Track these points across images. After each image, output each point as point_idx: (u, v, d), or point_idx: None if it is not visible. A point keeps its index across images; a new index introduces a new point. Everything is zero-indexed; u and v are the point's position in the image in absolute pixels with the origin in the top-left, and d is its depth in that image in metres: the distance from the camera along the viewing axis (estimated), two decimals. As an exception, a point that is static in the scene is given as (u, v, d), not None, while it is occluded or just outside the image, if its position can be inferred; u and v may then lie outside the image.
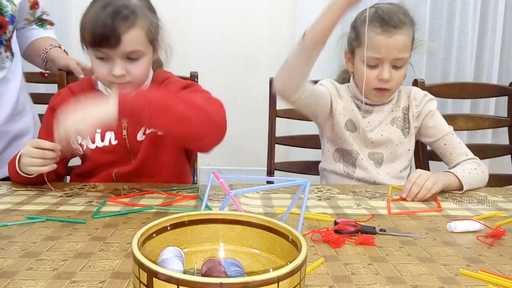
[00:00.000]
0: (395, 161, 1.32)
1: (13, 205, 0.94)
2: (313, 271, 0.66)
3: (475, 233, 0.84)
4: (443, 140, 1.31)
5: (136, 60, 1.09)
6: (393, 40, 1.20)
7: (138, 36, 1.07)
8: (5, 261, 0.67)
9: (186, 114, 0.96)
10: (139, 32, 1.07)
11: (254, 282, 0.40)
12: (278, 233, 0.55)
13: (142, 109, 0.93)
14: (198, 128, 0.99)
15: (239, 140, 2.37)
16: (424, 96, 1.34)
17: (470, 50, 2.34)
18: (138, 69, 1.10)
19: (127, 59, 1.08)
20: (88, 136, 1.15)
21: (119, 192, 1.06)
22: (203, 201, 0.72)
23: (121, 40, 1.03)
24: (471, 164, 1.23)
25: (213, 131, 1.02)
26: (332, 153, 1.35)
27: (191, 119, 0.97)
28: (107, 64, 1.08)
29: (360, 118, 1.31)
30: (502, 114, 1.75)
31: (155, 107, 0.93)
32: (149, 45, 1.11)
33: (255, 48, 2.39)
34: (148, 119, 0.94)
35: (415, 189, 1.05)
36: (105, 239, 0.76)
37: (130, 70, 1.08)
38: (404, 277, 0.65)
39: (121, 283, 0.60)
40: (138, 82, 1.13)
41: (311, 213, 0.93)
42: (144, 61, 1.11)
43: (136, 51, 1.08)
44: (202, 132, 1.00)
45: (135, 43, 1.06)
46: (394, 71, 1.24)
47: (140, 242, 0.49)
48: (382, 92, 1.27)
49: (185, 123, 0.97)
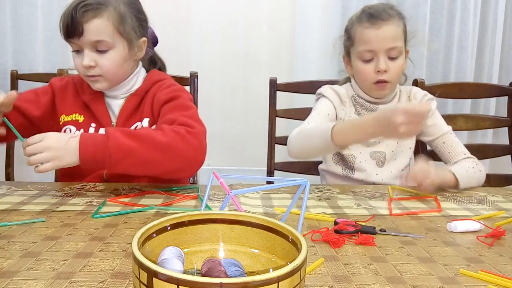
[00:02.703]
0: (397, 159, 1.34)
1: (13, 205, 0.94)
2: (313, 271, 0.66)
3: (475, 233, 0.84)
4: (442, 139, 1.32)
5: (104, 52, 1.11)
6: (383, 30, 1.22)
7: (102, 26, 1.09)
8: (5, 261, 0.67)
9: (149, 158, 0.97)
10: (104, 22, 1.09)
11: (254, 282, 0.40)
12: (278, 233, 0.55)
13: (103, 160, 0.94)
14: (165, 167, 1.00)
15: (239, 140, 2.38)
16: (424, 96, 1.36)
17: (470, 50, 2.34)
18: (106, 61, 1.12)
19: (96, 51, 1.11)
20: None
21: (119, 192, 1.06)
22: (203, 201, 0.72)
23: (83, 29, 1.07)
24: (468, 162, 1.24)
25: (183, 165, 1.02)
26: (332, 156, 1.36)
27: (155, 161, 0.97)
28: (80, 57, 1.12)
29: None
30: (502, 114, 1.75)
31: (115, 157, 0.94)
32: (119, 37, 1.12)
33: (255, 48, 2.39)
34: (110, 168, 0.96)
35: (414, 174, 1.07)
36: (105, 239, 0.76)
37: (99, 61, 1.11)
38: (404, 277, 0.65)
39: (121, 283, 0.60)
40: (110, 76, 1.14)
41: (311, 213, 0.93)
42: (114, 54, 1.12)
43: (102, 41, 1.10)
44: (171, 169, 1.01)
45: (99, 33, 1.09)
46: (391, 62, 1.25)
47: (140, 242, 0.49)
48: (382, 85, 1.28)
49: (149, 165, 0.98)
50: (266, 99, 1.61)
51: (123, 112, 1.18)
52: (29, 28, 2.20)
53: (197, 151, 1.02)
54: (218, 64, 2.37)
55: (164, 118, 1.09)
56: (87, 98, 1.19)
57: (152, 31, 1.26)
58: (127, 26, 1.13)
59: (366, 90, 1.32)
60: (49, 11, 2.20)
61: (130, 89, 1.20)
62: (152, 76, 1.23)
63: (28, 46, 2.21)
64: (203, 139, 1.04)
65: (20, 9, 2.19)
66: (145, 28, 1.21)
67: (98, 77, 1.13)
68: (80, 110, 1.19)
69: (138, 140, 0.96)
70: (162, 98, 1.15)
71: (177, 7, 2.32)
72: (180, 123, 1.04)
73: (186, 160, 1.01)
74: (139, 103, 1.19)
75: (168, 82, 1.22)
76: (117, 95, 1.20)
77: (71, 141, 0.94)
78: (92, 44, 1.10)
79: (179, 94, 1.17)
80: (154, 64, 1.31)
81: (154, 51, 1.31)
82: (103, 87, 1.16)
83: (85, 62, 1.10)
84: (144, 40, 1.19)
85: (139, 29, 1.17)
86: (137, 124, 1.17)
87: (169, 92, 1.17)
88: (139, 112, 1.19)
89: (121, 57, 1.14)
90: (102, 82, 1.14)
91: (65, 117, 1.19)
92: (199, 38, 2.36)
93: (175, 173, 1.05)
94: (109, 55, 1.12)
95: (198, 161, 1.03)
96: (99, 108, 1.18)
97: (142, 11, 1.20)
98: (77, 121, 1.18)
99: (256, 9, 2.37)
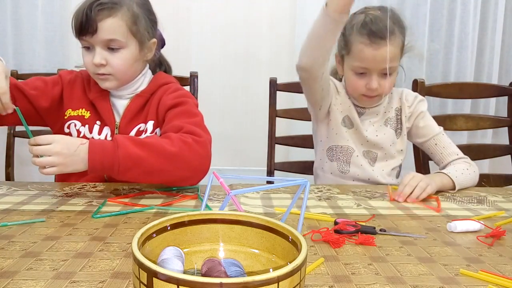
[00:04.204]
0: (388, 160, 1.34)
1: (13, 205, 0.94)
2: (313, 271, 0.66)
3: (475, 233, 0.84)
4: (433, 140, 1.32)
5: (116, 50, 1.12)
6: (380, 52, 1.19)
7: (116, 25, 1.09)
8: (5, 261, 0.67)
9: (157, 166, 0.97)
10: (118, 21, 1.10)
11: (254, 282, 0.40)
12: (278, 233, 0.55)
13: (111, 168, 0.94)
14: (172, 176, 1.00)
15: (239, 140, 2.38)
16: (415, 97, 1.37)
17: (470, 50, 2.34)
18: (118, 60, 1.12)
19: (107, 49, 1.11)
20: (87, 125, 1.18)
21: (119, 192, 1.06)
22: (203, 201, 0.72)
23: (97, 27, 1.07)
24: (462, 164, 1.25)
25: (189, 174, 1.02)
26: (326, 152, 1.36)
27: (163, 170, 0.97)
28: (91, 54, 1.12)
29: (357, 115, 1.32)
30: (502, 114, 1.75)
31: (124, 165, 0.94)
32: (131, 37, 1.13)
33: (255, 48, 2.39)
34: (118, 176, 0.96)
35: (408, 190, 1.06)
36: (105, 239, 0.76)
37: (110, 60, 1.11)
38: (404, 277, 0.65)
39: (121, 283, 0.60)
40: (120, 75, 1.14)
41: (311, 213, 0.93)
42: (125, 53, 1.13)
43: (115, 40, 1.10)
44: (178, 177, 1.02)
45: (113, 31, 1.09)
46: (383, 79, 1.24)
47: (140, 242, 0.49)
48: (371, 98, 1.28)
49: (156, 174, 0.98)
50: (266, 99, 1.61)
51: (127, 112, 1.18)
52: (29, 28, 2.20)
53: (204, 160, 1.02)
54: (218, 64, 2.37)
55: (170, 124, 1.09)
56: (93, 96, 1.19)
57: (160, 33, 1.26)
58: (139, 26, 1.13)
59: (354, 98, 1.32)
60: (49, 11, 2.21)
61: (136, 90, 1.20)
62: (158, 78, 1.23)
63: (28, 46, 2.21)
64: (209, 148, 1.04)
65: (20, 9, 2.20)
66: (155, 30, 1.21)
67: (108, 75, 1.13)
68: (87, 106, 1.19)
69: (147, 149, 0.96)
70: (168, 102, 1.15)
71: (177, 7, 2.32)
72: (186, 131, 1.03)
73: (193, 169, 1.01)
74: (144, 104, 1.19)
75: (174, 86, 1.22)
76: (122, 95, 1.20)
77: (81, 148, 0.93)
78: (104, 43, 1.10)
79: (186, 100, 1.16)
80: (159, 66, 1.31)
81: (161, 53, 1.31)
82: (112, 86, 1.16)
83: (96, 60, 1.10)
84: (154, 41, 1.20)
85: (151, 30, 1.18)
86: (140, 126, 1.17)
87: (175, 97, 1.16)
88: (144, 114, 1.19)
89: (132, 57, 1.14)
90: (112, 81, 1.14)
91: (71, 112, 1.19)
92: (199, 38, 2.36)
93: (181, 181, 1.05)
94: (121, 54, 1.12)
95: (204, 170, 1.03)
96: (104, 107, 1.18)
97: (153, 12, 1.20)
98: (83, 117, 1.18)
99: (256, 9, 2.37)
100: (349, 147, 1.32)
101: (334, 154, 1.35)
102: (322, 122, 1.36)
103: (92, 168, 0.94)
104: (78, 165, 0.94)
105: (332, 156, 1.35)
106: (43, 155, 0.91)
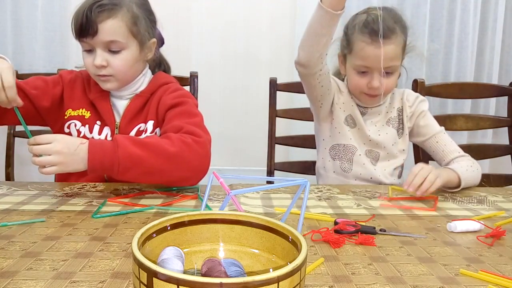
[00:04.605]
0: (390, 160, 1.35)
1: (13, 205, 0.94)
2: (313, 271, 0.66)
3: (475, 233, 0.84)
4: (435, 138, 1.32)
5: (117, 52, 1.12)
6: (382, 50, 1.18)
7: (116, 27, 1.09)
8: (5, 261, 0.67)
9: (157, 166, 0.97)
10: (119, 22, 1.09)
11: (254, 282, 0.40)
12: (278, 233, 0.55)
13: (111, 168, 0.94)
14: (172, 176, 1.00)
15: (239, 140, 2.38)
16: (417, 98, 1.38)
17: (470, 50, 2.34)
18: (119, 61, 1.12)
19: (108, 51, 1.11)
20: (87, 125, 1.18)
21: (119, 192, 1.06)
22: (203, 201, 0.72)
23: (98, 28, 1.07)
24: (466, 161, 1.25)
25: (189, 174, 1.02)
26: (329, 151, 1.36)
27: (162, 170, 0.98)
28: (91, 56, 1.12)
29: (360, 115, 1.32)
30: (502, 114, 1.75)
31: (124, 165, 0.95)
32: (132, 38, 1.13)
33: (255, 48, 2.39)
34: (118, 176, 0.96)
35: (418, 180, 1.03)
36: (105, 239, 0.76)
37: (110, 61, 1.11)
38: (404, 277, 0.65)
39: (121, 283, 0.60)
40: (121, 76, 1.14)
41: (311, 213, 0.93)
42: (126, 54, 1.13)
43: (115, 41, 1.10)
44: (178, 177, 1.02)
45: (113, 33, 1.09)
46: (385, 78, 1.24)
47: (140, 242, 0.49)
48: (373, 97, 1.29)
49: (156, 174, 0.98)
50: (266, 99, 1.61)
51: (127, 112, 1.18)
52: (29, 28, 2.20)
53: (203, 160, 1.02)
54: (218, 64, 2.37)
55: (170, 124, 1.09)
56: (93, 96, 1.19)
57: (159, 32, 1.26)
58: (139, 27, 1.13)
59: (356, 96, 1.33)
60: (49, 11, 2.20)
61: (136, 90, 1.20)
62: (158, 78, 1.23)
63: (28, 46, 2.21)
64: (208, 148, 1.05)
65: (20, 9, 2.20)
66: (154, 29, 1.21)
67: (109, 77, 1.13)
68: (87, 106, 1.19)
69: (146, 149, 0.96)
70: (167, 102, 1.15)
71: (177, 7, 2.32)
72: (186, 132, 1.03)
73: (193, 169, 1.01)
74: (143, 104, 1.19)
75: (174, 86, 1.22)
76: (122, 95, 1.20)
77: (80, 148, 0.93)
78: (105, 44, 1.10)
79: (185, 100, 1.16)
80: (159, 66, 1.31)
81: (160, 53, 1.31)
82: (113, 87, 1.16)
83: (97, 62, 1.10)
84: (154, 41, 1.20)
85: (151, 30, 1.18)
86: (140, 126, 1.17)
87: (175, 97, 1.16)
88: (144, 114, 1.19)
89: (132, 58, 1.14)
90: (113, 82, 1.14)
91: (71, 112, 1.19)
92: (199, 38, 2.36)
93: (181, 182, 1.05)
94: (121, 55, 1.12)
95: (204, 170, 1.03)
96: (105, 107, 1.18)
97: (152, 12, 1.20)
98: (83, 117, 1.18)
99: (256, 9, 2.37)
100: (351, 146, 1.33)
101: (337, 153, 1.35)
102: (325, 121, 1.36)
103: (92, 167, 0.94)
104: (78, 164, 0.94)
105: (335, 155, 1.35)
106: (43, 155, 0.91)
